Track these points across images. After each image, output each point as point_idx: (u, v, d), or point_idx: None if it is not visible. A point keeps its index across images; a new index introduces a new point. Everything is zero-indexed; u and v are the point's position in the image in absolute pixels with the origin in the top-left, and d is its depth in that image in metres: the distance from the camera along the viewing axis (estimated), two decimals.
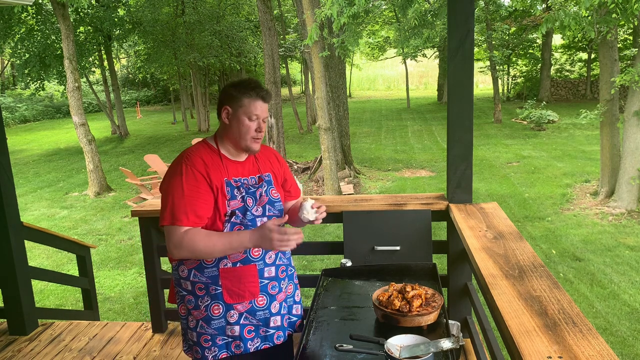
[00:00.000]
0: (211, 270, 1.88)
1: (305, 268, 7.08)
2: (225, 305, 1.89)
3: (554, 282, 1.69)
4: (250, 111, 1.87)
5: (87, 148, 11.56)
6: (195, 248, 1.78)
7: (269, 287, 1.94)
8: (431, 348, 1.57)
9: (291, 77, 30.86)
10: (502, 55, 19.54)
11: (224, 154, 1.93)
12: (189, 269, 1.91)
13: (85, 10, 16.39)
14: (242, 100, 1.87)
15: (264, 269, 1.93)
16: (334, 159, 10.12)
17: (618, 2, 6.62)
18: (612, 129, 9.04)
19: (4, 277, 3.38)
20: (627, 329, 5.23)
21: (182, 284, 1.95)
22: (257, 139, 1.90)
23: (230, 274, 1.88)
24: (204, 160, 1.87)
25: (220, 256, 1.84)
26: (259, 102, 1.88)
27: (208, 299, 1.89)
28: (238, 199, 1.89)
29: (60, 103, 27.35)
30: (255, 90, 1.88)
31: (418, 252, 2.78)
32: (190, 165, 1.84)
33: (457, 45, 2.53)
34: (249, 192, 1.92)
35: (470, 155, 2.66)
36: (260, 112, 1.88)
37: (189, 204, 1.80)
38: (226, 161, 1.92)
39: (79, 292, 6.24)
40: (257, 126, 1.89)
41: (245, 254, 1.89)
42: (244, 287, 1.89)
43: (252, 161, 2.01)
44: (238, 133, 1.89)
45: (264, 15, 12.95)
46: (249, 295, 1.90)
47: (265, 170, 2.03)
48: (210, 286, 1.88)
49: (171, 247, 1.81)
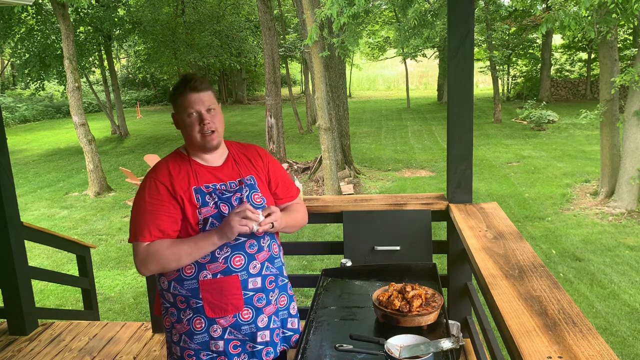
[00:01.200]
0: (190, 282, 1.76)
1: (305, 268, 7.08)
2: (207, 319, 1.77)
3: (554, 282, 1.69)
4: (185, 107, 1.76)
5: (87, 148, 11.56)
6: (161, 259, 1.70)
7: (255, 300, 1.80)
8: (431, 348, 1.57)
9: (291, 77, 30.86)
10: (502, 55, 19.54)
11: (196, 161, 1.83)
12: (168, 281, 1.80)
13: (85, 10, 16.39)
14: (177, 99, 1.78)
15: (248, 280, 1.78)
16: (334, 159, 10.12)
17: (618, 2, 6.62)
18: (612, 129, 9.04)
19: (4, 277, 3.38)
20: (627, 329, 5.23)
21: (164, 295, 1.85)
22: (206, 134, 1.77)
23: (211, 286, 1.75)
24: (170, 171, 1.78)
25: (191, 261, 1.73)
26: (191, 95, 1.75)
27: (190, 313, 1.78)
28: (210, 205, 1.76)
29: (60, 103, 27.33)
30: (183, 84, 1.77)
31: (418, 252, 2.78)
32: (154, 178, 1.77)
33: (457, 45, 2.53)
34: (222, 197, 1.79)
35: (470, 155, 2.66)
36: (196, 105, 1.75)
37: (151, 218, 1.72)
38: (197, 168, 1.81)
39: (79, 292, 6.24)
40: (199, 120, 1.76)
41: (226, 264, 1.75)
42: (226, 300, 1.75)
43: (231, 165, 1.88)
44: (187, 134, 1.79)
45: (264, 15, 12.95)
46: (232, 308, 1.76)
47: (247, 172, 1.89)
48: (190, 299, 1.77)
49: (138, 265, 1.73)
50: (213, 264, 1.75)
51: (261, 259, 1.82)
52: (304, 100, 23.73)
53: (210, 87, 1.81)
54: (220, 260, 1.75)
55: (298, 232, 8.56)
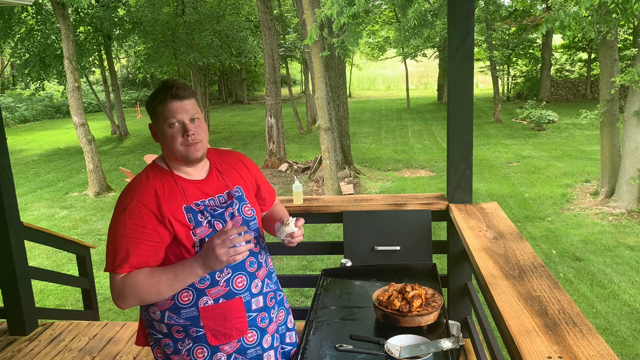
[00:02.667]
0: (189, 310, 1.62)
1: (305, 268, 7.08)
2: (211, 347, 1.64)
3: (554, 282, 1.69)
4: (166, 116, 1.58)
5: (87, 148, 11.56)
6: (138, 292, 1.52)
7: (259, 320, 1.71)
8: (431, 348, 1.57)
9: (291, 77, 30.86)
10: (502, 55, 19.54)
11: (179, 175, 1.65)
12: (161, 311, 1.64)
13: (85, 11, 16.39)
14: (156, 109, 1.60)
15: (251, 301, 1.68)
16: (334, 159, 10.12)
17: (618, 2, 6.62)
18: (612, 129, 9.04)
19: (4, 277, 3.38)
20: (627, 329, 5.23)
21: (155, 325, 1.68)
22: (190, 145, 1.59)
23: (213, 312, 1.62)
24: (155, 189, 1.58)
25: (171, 293, 1.55)
26: (172, 103, 1.57)
27: (189, 342, 1.64)
28: (204, 225, 1.61)
29: (60, 103, 27.33)
30: (164, 92, 1.59)
31: (418, 252, 2.78)
32: (137, 199, 1.56)
33: (457, 45, 2.53)
34: (214, 214, 1.63)
35: (470, 155, 2.66)
36: (179, 114, 1.57)
37: (132, 247, 1.53)
38: (183, 183, 1.63)
39: (79, 292, 6.24)
40: (182, 130, 1.59)
41: (228, 287, 1.63)
42: (230, 325, 1.64)
43: (215, 176, 1.72)
44: (168, 146, 1.60)
45: (264, 15, 12.95)
46: (237, 333, 1.65)
47: (234, 183, 1.75)
48: (190, 328, 1.63)
49: (115, 299, 1.55)
50: (213, 288, 1.62)
51: (261, 277, 1.75)
52: (304, 100, 23.73)
53: (193, 94, 1.64)
54: (221, 283, 1.62)
55: None
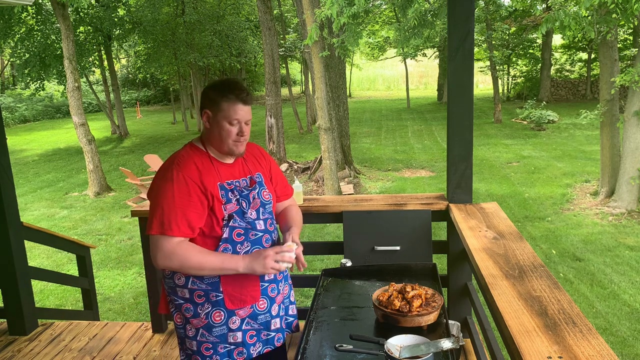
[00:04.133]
0: (212, 276, 1.82)
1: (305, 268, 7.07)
2: (227, 311, 1.85)
3: (554, 282, 1.69)
4: (230, 115, 1.78)
5: (87, 148, 11.56)
6: (185, 262, 1.73)
7: (269, 290, 1.93)
8: (431, 348, 1.57)
9: (291, 77, 30.86)
10: (502, 55, 19.54)
11: (214, 157, 1.87)
12: (186, 277, 1.84)
13: (85, 11, 16.39)
14: (221, 104, 1.79)
15: None
16: (334, 159, 10.12)
17: (618, 2, 6.62)
18: (612, 129, 9.04)
19: (4, 277, 3.38)
20: (627, 329, 5.23)
21: (177, 292, 1.87)
22: (239, 143, 1.83)
23: (232, 279, 1.83)
24: (196, 165, 1.80)
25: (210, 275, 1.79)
26: (239, 106, 1.79)
27: (209, 306, 1.84)
28: (233, 202, 1.83)
29: (60, 103, 27.34)
30: (235, 93, 1.78)
31: (418, 252, 2.78)
32: (182, 171, 1.76)
33: (457, 45, 2.53)
34: (242, 194, 1.86)
35: (470, 155, 2.66)
36: (241, 116, 1.80)
37: (181, 213, 1.72)
38: (217, 164, 1.86)
39: (79, 292, 6.24)
40: (238, 130, 1.81)
41: None
42: (245, 292, 1.85)
43: (240, 162, 1.94)
44: (219, 137, 1.81)
45: (264, 15, 12.95)
46: (251, 299, 1.87)
47: (256, 170, 1.97)
48: (210, 293, 1.83)
49: (160, 257, 1.73)
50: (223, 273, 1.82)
51: None
52: (304, 100, 23.73)
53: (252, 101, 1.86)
54: (241, 254, 1.83)
55: None
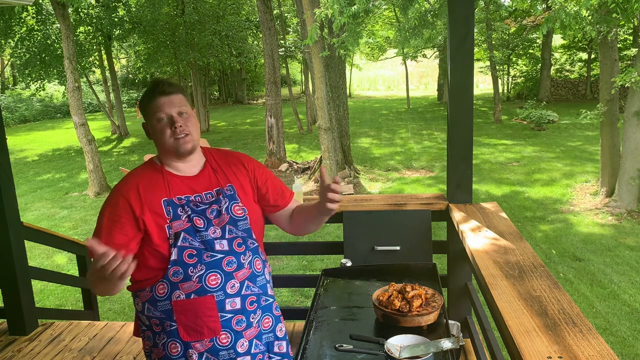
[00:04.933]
0: (164, 303, 1.65)
1: (305, 268, 7.08)
2: (183, 343, 1.65)
3: (554, 282, 1.69)
4: (154, 112, 1.66)
5: (87, 148, 11.56)
6: (90, 282, 1.61)
7: (234, 322, 1.67)
8: (431, 348, 1.57)
9: (291, 77, 30.85)
10: (502, 55, 19.53)
11: (170, 171, 1.72)
12: (142, 302, 1.70)
13: (85, 11, 16.40)
14: (146, 107, 1.68)
15: (225, 301, 1.65)
16: (334, 159, 10.12)
17: (618, 2, 6.62)
18: (612, 129, 9.04)
19: (4, 277, 3.38)
20: (627, 329, 5.23)
21: (140, 317, 1.75)
22: (179, 138, 1.66)
23: (184, 307, 1.63)
24: (138, 183, 1.67)
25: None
26: (159, 99, 1.66)
27: (164, 336, 1.67)
28: (183, 219, 1.64)
29: (60, 103, 27.33)
30: (152, 89, 1.68)
31: (418, 252, 2.78)
32: (119, 192, 1.67)
33: (457, 45, 2.53)
34: (196, 210, 1.66)
35: (470, 155, 2.66)
36: (165, 108, 1.65)
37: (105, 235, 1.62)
38: (170, 178, 1.70)
39: (79, 292, 6.24)
40: (169, 123, 1.66)
41: (201, 284, 1.62)
42: (201, 323, 1.63)
43: (208, 174, 1.75)
44: (158, 141, 1.69)
45: (264, 15, 12.95)
46: (208, 332, 1.64)
47: (227, 182, 1.76)
48: (165, 322, 1.66)
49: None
50: (186, 282, 1.62)
51: (240, 278, 1.68)
52: (304, 100, 23.73)
53: (181, 90, 1.71)
54: (194, 278, 1.62)
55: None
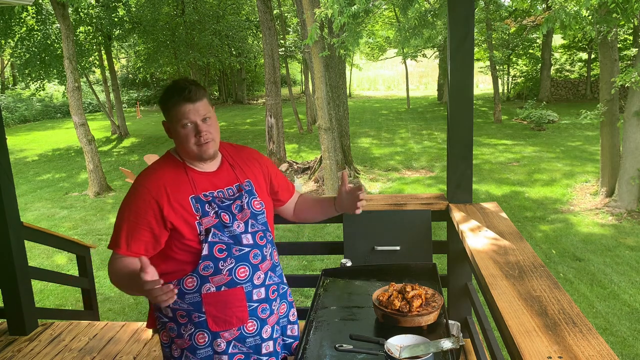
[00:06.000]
0: (193, 296, 1.70)
1: (305, 268, 7.08)
2: (211, 333, 1.71)
3: (554, 282, 1.69)
4: (179, 118, 1.64)
5: (87, 148, 11.56)
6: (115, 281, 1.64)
7: (259, 311, 1.77)
8: (431, 348, 1.57)
9: (291, 77, 30.85)
10: (502, 55, 19.53)
11: (190, 167, 1.73)
12: None
13: (85, 11, 16.40)
14: (170, 109, 1.67)
15: (252, 291, 1.74)
16: (334, 159, 10.12)
17: (618, 2, 6.62)
18: (612, 129, 9.04)
19: (4, 277, 3.38)
20: (627, 329, 5.23)
21: (162, 309, 1.76)
22: (202, 145, 1.67)
23: (215, 299, 1.69)
24: (164, 179, 1.68)
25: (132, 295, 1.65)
26: (185, 105, 1.63)
27: (192, 327, 1.72)
28: (211, 215, 1.68)
29: (60, 103, 27.32)
30: (177, 93, 1.64)
31: (418, 252, 2.78)
32: (144, 187, 1.66)
33: (457, 45, 2.53)
34: (222, 206, 1.71)
35: (470, 155, 2.66)
36: (191, 116, 1.64)
37: (131, 231, 1.64)
38: (193, 174, 1.72)
39: (79, 292, 6.24)
40: (194, 131, 1.66)
41: (231, 276, 1.70)
42: (230, 313, 1.71)
43: (226, 169, 1.79)
44: (181, 145, 1.69)
45: (264, 15, 12.95)
46: (237, 321, 1.72)
47: (245, 177, 1.81)
48: (192, 313, 1.71)
49: (109, 274, 1.66)
50: (216, 276, 1.69)
51: (264, 269, 1.79)
52: (304, 100, 23.72)
53: (205, 93, 1.69)
54: (224, 272, 1.69)
55: (298, 232, 8.54)
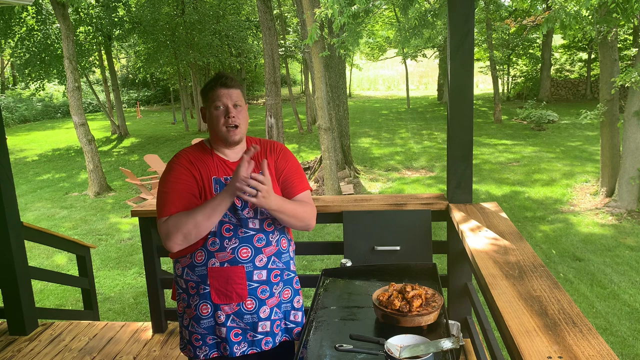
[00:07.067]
0: (201, 269, 1.87)
1: (305, 268, 7.08)
2: (213, 305, 1.88)
3: (554, 282, 1.69)
4: (213, 100, 1.87)
5: (87, 148, 11.56)
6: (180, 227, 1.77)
7: (259, 291, 1.89)
8: (431, 348, 1.57)
9: (291, 77, 30.85)
10: (502, 55, 19.53)
11: (218, 155, 1.94)
12: (182, 267, 1.92)
13: (85, 10, 16.40)
14: (207, 94, 1.90)
15: (253, 272, 1.88)
16: (334, 159, 10.12)
17: (618, 2, 6.62)
18: (612, 129, 9.04)
19: (4, 277, 3.38)
20: (627, 329, 5.23)
21: (178, 281, 1.97)
22: (230, 127, 1.87)
23: (218, 273, 1.86)
24: (192, 157, 1.91)
25: (209, 225, 1.78)
26: (220, 90, 1.87)
27: (197, 298, 1.89)
28: None
29: (60, 103, 27.35)
30: (215, 80, 1.90)
31: (418, 252, 2.78)
32: (177, 162, 1.90)
33: (457, 45, 2.53)
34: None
35: (470, 155, 2.66)
36: (224, 99, 1.86)
37: (175, 195, 1.83)
38: (219, 161, 1.92)
39: (79, 292, 6.24)
40: (224, 113, 1.87)
41: (234, 255, 1.86)
42: (231, 289, 1.86)
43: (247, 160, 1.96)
44: (212, 127, 1.90)
45: (264, 15, 12.95)
46: (237, 297, 1.87)
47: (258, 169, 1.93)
48: (199, 285, 1.89)
49: (163, 240, 1.81)
50: (221, 252, 1.85)
51: (268, 253, 1.91)
52: (304, 100, 23.73)
53: (240, 86, 1.92)
54: (228, 250, 1.85)
55: (298, 232, 8.55)
